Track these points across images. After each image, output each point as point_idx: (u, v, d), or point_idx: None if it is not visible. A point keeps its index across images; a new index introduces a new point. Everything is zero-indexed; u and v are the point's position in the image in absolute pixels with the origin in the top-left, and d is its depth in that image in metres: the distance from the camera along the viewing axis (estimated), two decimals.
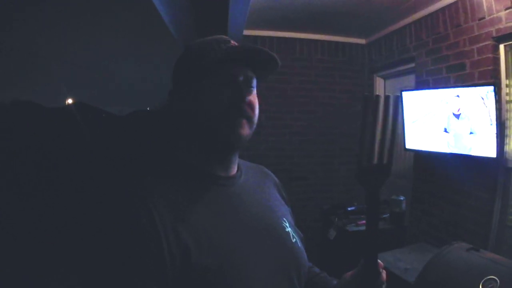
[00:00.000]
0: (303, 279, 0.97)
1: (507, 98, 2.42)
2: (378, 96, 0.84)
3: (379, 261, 0.90)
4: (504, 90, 2.41)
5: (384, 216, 3.25)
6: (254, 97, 0.92)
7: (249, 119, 0.91)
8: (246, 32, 3.78)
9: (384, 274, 0.93)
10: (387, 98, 0.85)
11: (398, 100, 0.85)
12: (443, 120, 2.76)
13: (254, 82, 0.93)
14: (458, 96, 2.59)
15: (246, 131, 0.90)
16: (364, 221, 3.18)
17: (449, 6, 2.80)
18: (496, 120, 2.30)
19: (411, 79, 3.46)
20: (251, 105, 0.91)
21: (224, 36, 0.95)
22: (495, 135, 2.32)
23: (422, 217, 3.12)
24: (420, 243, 2.89)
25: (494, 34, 2.39)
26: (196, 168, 0.91)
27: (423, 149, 3.02)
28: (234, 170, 0.98)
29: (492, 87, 2.31)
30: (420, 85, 3.17)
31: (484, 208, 2.47)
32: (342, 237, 3.15)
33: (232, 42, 0.94)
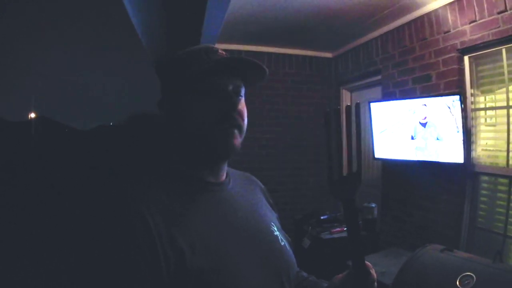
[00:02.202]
0: (292, 282, 0.98)
1: (472, 106, 2.55)
2: (338, 109, 0.86)
3: (366, 262, 0.93)
4: (469, 99, 2.55)
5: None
6: (243, 106, 0.94)
7: (240, 128, 0.92)
8: (217, 45, 3.77)
9: (373, 271, 0.95)
10: (348, 108, 0.88)
11: (359, 107, 0.87)
12: (410, 129, 2.87)
13: (243, 91, 0.94)
14: (425, 105, 2.71)
15: (238, 140, 0.91)
16: (338, 229, 3.25)
17: (415, 20, 2.95)
18: (463, 128, 2.43)
19: (377, 91, 3.58)
20: (241, 114, 0.92)
21: (211, 45, 0.96)
22: (461, 141, 2.44)
23: (393, 223, 3.21)
24: (393, 248, 2.97)
25: (459, 47, 2.53)
26: (187, 174, 0.92)
27: (392, 157, 3.12)
28: (223, 176, 0.99)
29: (458, 97, 2.45)
30: (387, 96, 3.29)
31: (453, 212, 2.57)
32: (316, 245, 3.19)
33: (220, 51, 0.94)
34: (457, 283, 1.73)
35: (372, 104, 3.24)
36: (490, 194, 2.49)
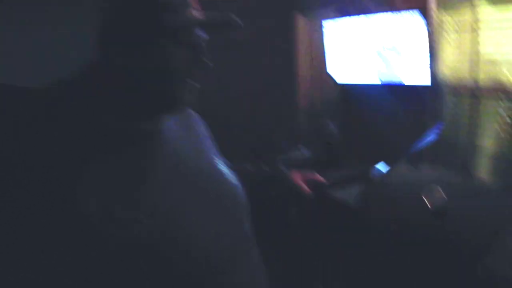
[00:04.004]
0: (249, 217, 0.99)
1: (436, 23, 2.43)
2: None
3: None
4: (433, 15, 2.42)
5: (315, 146, 3.32)
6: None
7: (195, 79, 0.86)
8: None
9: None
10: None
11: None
12: (370, 50, 2.73)
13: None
14: (386, 22, 2.55)
15: (193, 92, 0.86)
16: (298, 154, 3.23)
17: None
18: (428, 47, 2.34)
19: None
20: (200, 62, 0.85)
21: None
22: (427, 62, 2.36)
23: (354, 144, 3.18)
24: (355, 166, 2.92)
25: None
26: (122, 125, 0.81)
27: (352, 82, 3.00)
28: (162, 120, 0.90)
29: (419, 12, 2.32)
30: (342, 13, 3.04)
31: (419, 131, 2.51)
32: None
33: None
34: (427, 201, 1.70)
35: (325, 23, 3.05)
36: (456, 113, 2.44)
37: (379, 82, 2.76)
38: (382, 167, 2.30)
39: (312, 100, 3.63)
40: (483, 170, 2.24)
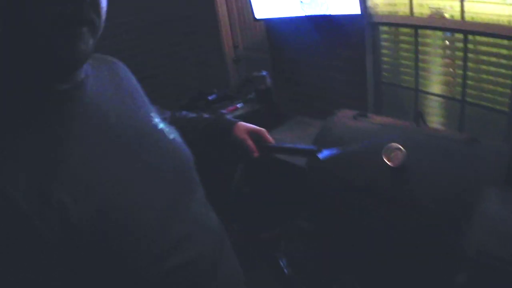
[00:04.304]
0: (194, 174, 0.91)
1: None
2: None
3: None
4: None
5: (249, 96, 3.05)
6: None
7: (92, 24, 0.66)
8: None
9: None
10: None
11: None
12: None
13: None
14: None
15: (88, 42, 0.66)
16: (231, 107, 2.97)
17: None
18: None
19: None
20: (93, 4, 0.65)
21: None
22: None
23: (290, 90, 3.00)
24: (296, 118, 2.76)
25: None
26: (35, 89, 0.67)
27: (275, 16, 2.75)
28: (79, 76, 0.75)
29: None
30: None
31: (356, 68, 2.40)
32: None
33: None
34: (383, 157, 1.50)
35: None
36: (393, 46, 2.33)
37: (304, 14, 2.53)
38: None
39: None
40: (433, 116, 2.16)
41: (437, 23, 2.00)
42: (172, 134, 0.89)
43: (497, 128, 2.02)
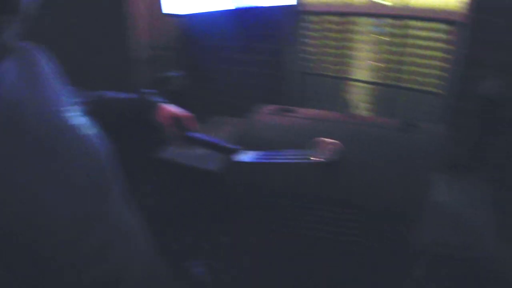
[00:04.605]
0: (110, 172, 0.83)
1: None
2: None
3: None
4: None
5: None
6: None
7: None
8: None
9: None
10: None
11: None
12: None
13: None
14: None
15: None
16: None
17: None
18: None
19: None
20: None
21: None
22: None
23: (207, 89, 2.83)
24: (214, 119, 2.56)
25: None
26: None
27: (189, 11, 2.58)
28: None
29: None
30: None
31: (278, 61, 2.31)
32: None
33: None
34: (315, 153, 1.36)
35: None
36: (319, 35, 2.26)
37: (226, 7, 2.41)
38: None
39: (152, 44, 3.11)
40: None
41: (365, 9, 1.97)
42: (86, 128, 0.79)
43: (429, 111, 2.07)
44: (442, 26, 1.94)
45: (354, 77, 2.20)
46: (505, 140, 1.41)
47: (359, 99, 2.21)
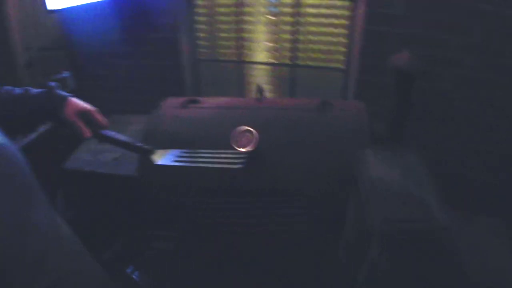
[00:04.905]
0: (35, 184, 0.79)
1: None
2: None
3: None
4: None
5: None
6: None
7: None
8: None
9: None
10: None
11: None
12: None
13: None
14: None
15: None
16: None
17: None
18: None
19: None
20: None
21: None
22: None
23: (99, 87, 2.64)
24: (112, 118, 2.30)
25: None
26: None
27: (71, 4, 2.28)
28: None
29: None
30: None
31: (169, 50, 2.23)
32: None
33: None
34: (232, 144, 1.25)
35: None
36: (210, 20, 2.20)
37: None
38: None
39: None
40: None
41: None
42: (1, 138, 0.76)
43: (332, 86, 2.11)
44: (340, 2, 1.96)
45: (253, 59, 2.17)
46: (418, 110, 1.43)
47: (262, 81, 2.17)
